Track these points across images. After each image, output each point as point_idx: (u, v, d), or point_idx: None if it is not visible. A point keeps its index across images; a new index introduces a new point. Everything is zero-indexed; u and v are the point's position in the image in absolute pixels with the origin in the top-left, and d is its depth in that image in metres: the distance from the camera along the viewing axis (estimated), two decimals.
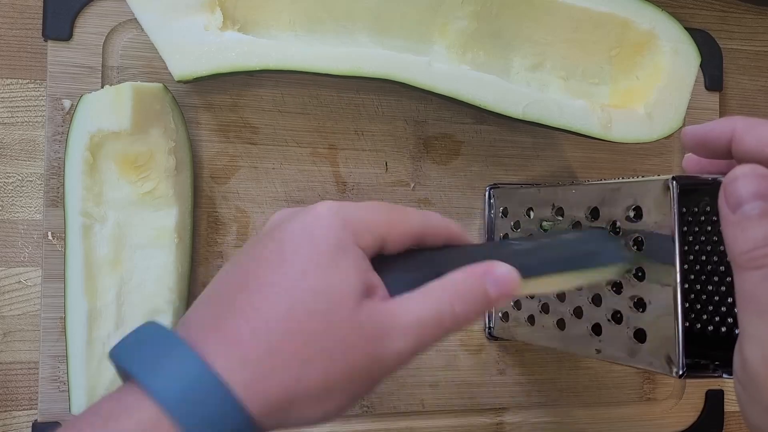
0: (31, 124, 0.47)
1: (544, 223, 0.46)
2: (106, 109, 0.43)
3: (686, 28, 0.55)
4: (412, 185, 0.51)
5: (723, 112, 0.57)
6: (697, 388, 0.56)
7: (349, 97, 0.50)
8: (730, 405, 0.57)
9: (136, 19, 0.47)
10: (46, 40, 0.46)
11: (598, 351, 0.40)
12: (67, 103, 0.46)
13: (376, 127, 0.50)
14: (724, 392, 0.56)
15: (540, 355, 0.53)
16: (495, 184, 0.52)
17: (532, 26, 0.48)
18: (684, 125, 0.55)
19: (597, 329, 0.40)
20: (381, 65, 0.44)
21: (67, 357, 0.44)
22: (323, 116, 0.49)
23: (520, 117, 0.45)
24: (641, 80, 0.48)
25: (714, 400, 0.56)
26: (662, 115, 0.47)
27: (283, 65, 0.44)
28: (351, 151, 0.50)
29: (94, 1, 0.46)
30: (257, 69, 0.44)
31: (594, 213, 0.41)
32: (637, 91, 0.48)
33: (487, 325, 0.51)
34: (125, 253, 0.45)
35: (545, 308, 0.45)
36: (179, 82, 0.45)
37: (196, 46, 0.44)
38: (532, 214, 0.47)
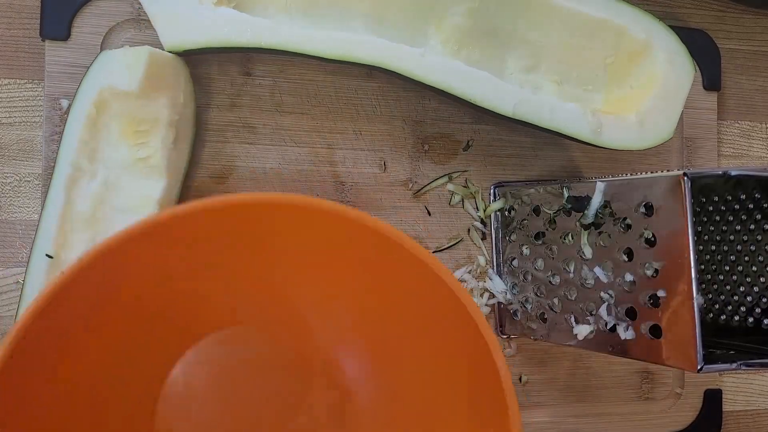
0: (28, 124, 0.47)
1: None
2: (120, 68, 0.44)
3: (684, 28, 0.56)
4: (411, 185, 0.51)
5: (721, 111, 0.57)
6: (695, 388, 0.56)
7: (348, 97, 0.50)
8: (729, 404, 0.58)
9: (134, 18, 0.47)
10: (43, 40, 0.46)
11: (613, 348, 0.41)
12: (65, 103, 0.46)
13: (374, 127, 0.50)
14: (723, 392, 0.57)
15: (538, 356, 0.53)
16: (500, 182, 0.52)
17: (529, 28, 0.48)
18: (679, 131, 0.55)
19: (612, 326, 0.41)
20: (374, 52, 0.45)
21: (19, 303, 0.43)
22: (321, 116, 0.49)
23: (510, 115, 0.45)
24: (635, 89, 0.49)
25: (713, 399, 0.56)
26: (654, 124, 0.47)
27: (274, 44, 0.44)
28: (349, 151, 0.50)
29: (92, 1, 0.46)
30: (248, 46, 0.44)
31: (604, 208, 0.41)
32: (630, 100, 0.49)
33: (498, 323, 0.51)
34: (104, 213, 0.44)
35: (557, 306, 0.45)
36: (169, 53, 0.45)
37: (189, 18, 0.44)
38: (540, 211, 0.47)
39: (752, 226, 0.45)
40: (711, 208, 0.47)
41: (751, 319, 0.45)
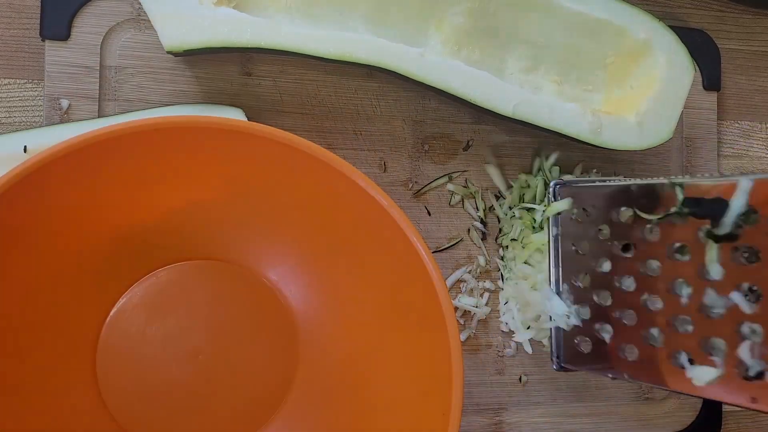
0: (28, 124, 0.47)
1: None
2: None
3: (684, 28, 0.56)
4: (411, 185, 0.51)
5: (721, 111, 0.57)
6: None
7: (347, 97, 0.50)
8: (729, 405, 0.57)
9: (134, 18, 0.47)
10: (43, 40, 0.46)
11: (755, 400, 0.33)
12: (65, 103, 0.46)
13: (374, 127, 0.50)
14: None
15: (538, 356, 0.53)
16: (562, 180, 0.45)
17: (529, 28, 0.48)
18: (680, 131, 0.55)
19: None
20: (374, 52, 0.45)
21: None
22: (321, 116, 0.49)
23: (510, 115, 0.45)
24: (635, 89, 0.49)
25: (713, 400, 0.56)
26: (653, 125, 0.48)
27: (275, 44, 0.44)
28: (349, 151, 0.50)
29: (92, 1, 0.46)
30: (248, 46, 0.44)
31: (747, 215, 0.33)
32: (629, 100, 0.49)
33: (555, 354, 0.44)
34: None
35: (657, 339, 0.37)
36: (169, 53, 0.45)
37: (189, 18, 0.44)
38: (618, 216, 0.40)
39: None
40: None
41: None
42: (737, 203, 0.32)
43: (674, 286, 0.36)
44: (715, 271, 0.34)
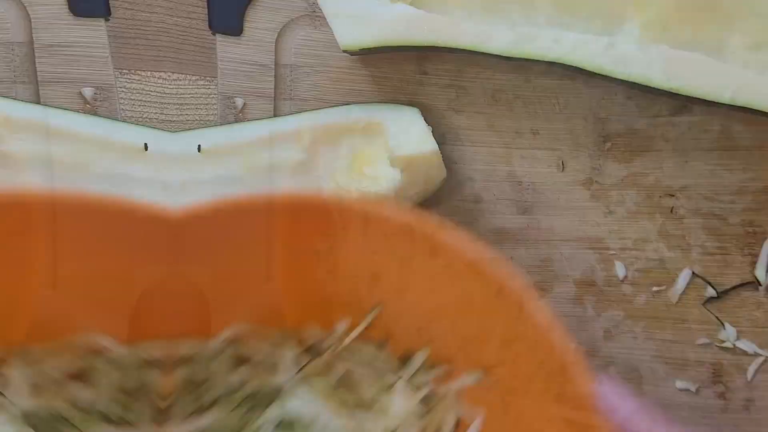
0: (201, 122, 0.44)
1: None
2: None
3: None
4: (591, 185, 0.48)
5: None
6: None
7: (526, 95, 0.47)
8: None
9: (308, 14, 0.45)
10: (213, 34, 0.44)
11: None
12: (239, 102, 0.44)
13: (553, 125, 0.48)
14: None
15: None
16: None
17: None
18: None
19: None
20: (557, 48, 0.42)
21: None
22: (498, 115, 0.47)
23: (727, 102, 0.41)
24: None
25: None
26: None
27: (453, 43, 0.43)
28: (526, 150, 0.48)
29: None
30: (426, 44, 0.43)
31: None
32: None
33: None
34: None
35: None
36: (345, 52, 0.43)
37: (365, 16, 0.42)
38: None
39: None
40: None
41: None
42: None
43: None
44: None
